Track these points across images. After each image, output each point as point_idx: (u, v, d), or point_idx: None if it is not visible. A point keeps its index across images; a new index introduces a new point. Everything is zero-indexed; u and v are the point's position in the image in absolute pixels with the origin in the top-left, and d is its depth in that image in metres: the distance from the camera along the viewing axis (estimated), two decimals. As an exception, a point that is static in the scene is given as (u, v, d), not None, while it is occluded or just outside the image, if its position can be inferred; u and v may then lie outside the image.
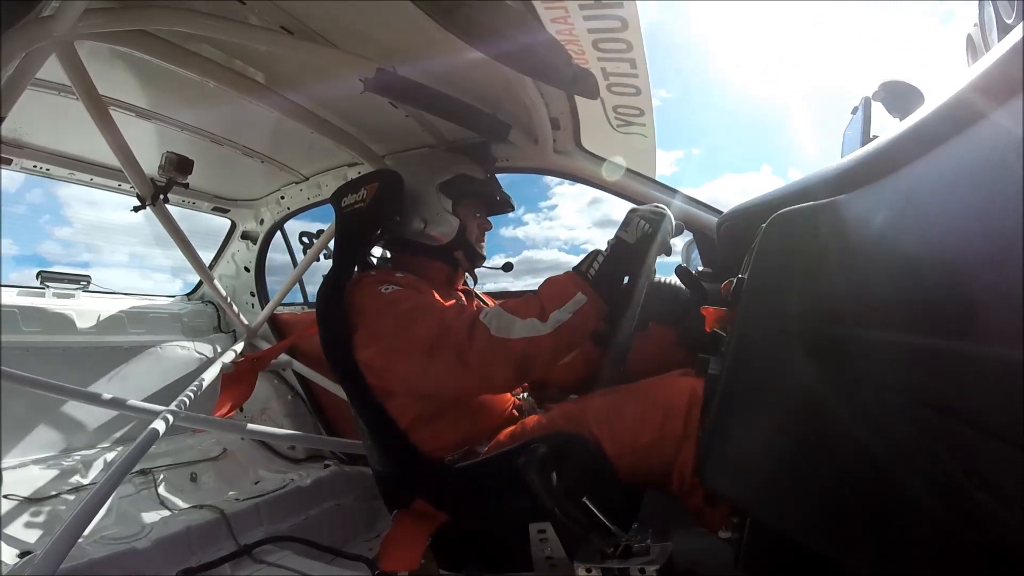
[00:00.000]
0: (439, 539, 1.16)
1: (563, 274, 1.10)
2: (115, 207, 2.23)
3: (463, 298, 1.37)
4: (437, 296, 1.20)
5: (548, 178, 1.54)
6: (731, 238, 1.08)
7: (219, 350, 2.34)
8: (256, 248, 2.34)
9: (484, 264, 1.43)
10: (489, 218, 1.44)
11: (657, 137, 1.39)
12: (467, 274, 1.44)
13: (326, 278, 1.28)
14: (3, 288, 1.86)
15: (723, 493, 0.74)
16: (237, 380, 1.92)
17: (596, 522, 0.91)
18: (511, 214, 1.50)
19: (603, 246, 1.12)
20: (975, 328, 0.31)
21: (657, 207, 1.13)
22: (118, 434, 1.97)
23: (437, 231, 1.32)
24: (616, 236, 1.11)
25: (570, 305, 1.04)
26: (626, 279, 1.11)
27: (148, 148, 1.58)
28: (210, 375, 1.93)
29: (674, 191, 1.55)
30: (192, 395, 1.81)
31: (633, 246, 1.08)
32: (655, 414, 1.05)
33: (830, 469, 0.52)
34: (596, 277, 1.07)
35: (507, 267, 1.48)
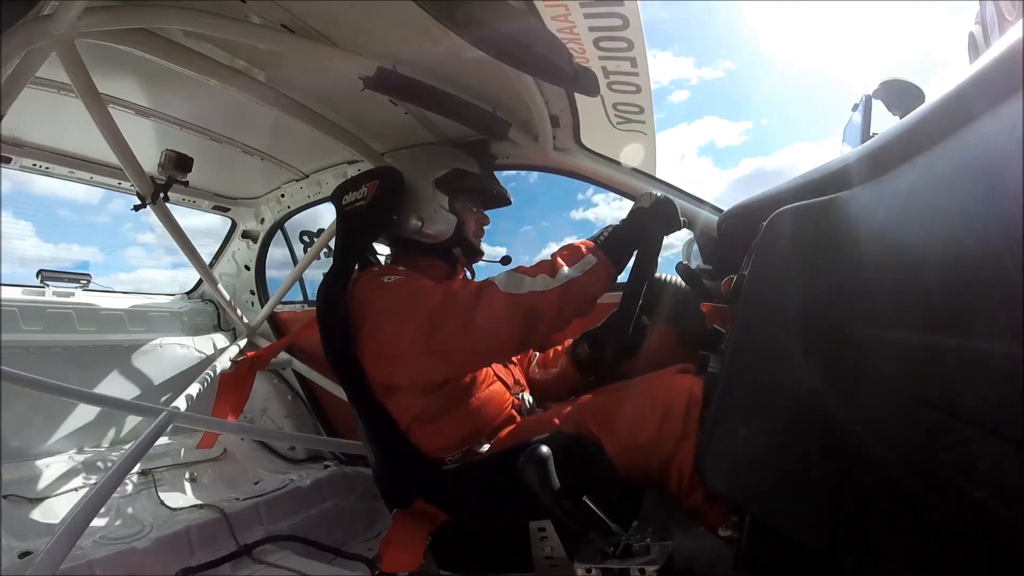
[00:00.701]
0: (439, 539, 1.15)
1: (577, 241, 1.13)
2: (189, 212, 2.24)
3: None
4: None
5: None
6: (732, 236, 1.09)
7: (219, 348, 2.34)
8: (256, 247, 2.34)
9: (482, 259, 1.42)
10: (488, 212, 1.43)
11: (722, 110, 1.45)
12: (465, 269, 1.43)
13: (327, 276, 1.28)
14: (3, 287, 1.86)
15: (722, 491, 0.74)
16: (235, 384, 1.92)
17: (596, 521, 0.91)
18: (579, 196, 1.52)
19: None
20: (975, 325, 0.31)
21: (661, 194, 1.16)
22: (118, 434, 1.97)
23: (434, 229, 1.31)
24: (631, 209, 1.14)
25: (580, 264, 1.06)
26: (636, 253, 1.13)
27: (148, 146, 1.58)
28: (210, 374, 1.93)
29: (674, 188, 1.55)
30: (192, 394, 1.81)
31: (647, 211, 1.12)
32: (654, 413, 1.05)
33: (829, 467, 0.52)
34: (607, 239, 1.10)
35: (505, 260, 1.48)
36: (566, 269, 1.05)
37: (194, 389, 1.82)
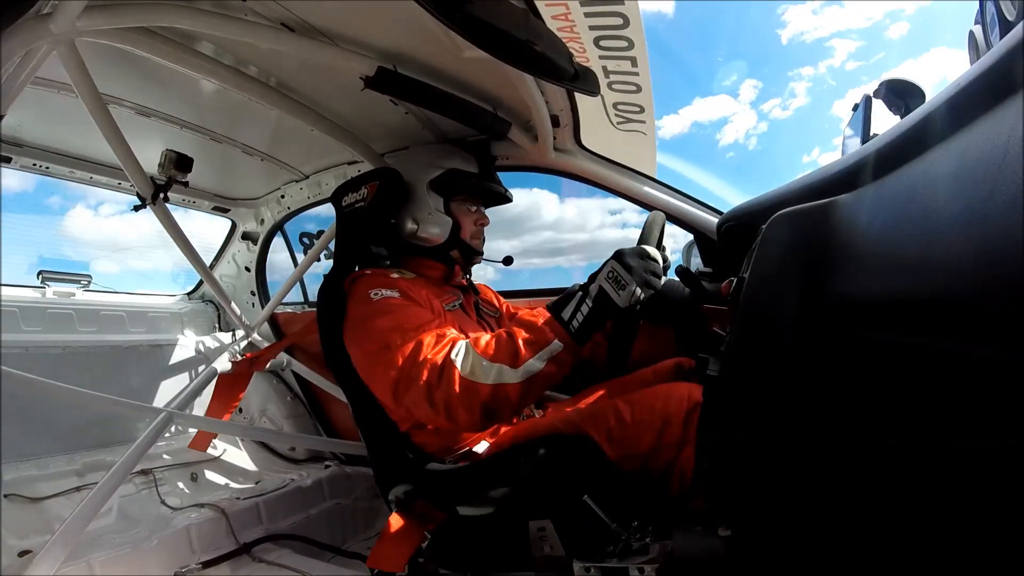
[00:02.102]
0: (439, 539, 1.15)
1: (544, 319, 1.01)
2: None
3: (459, 297, 1.35)
4: (425, 304, 1.17)
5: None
6: (731, 238, 1.08)
7: (219, 349, 2.34)
8: (257, 248, 2.34)
9: (483, 259, 1.40)
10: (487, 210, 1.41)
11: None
12: (463, 271, 1.43)
13: (327, 277, 1.28)
14: (3, 287, 1.86)
15: (722, 493, 0.74)
16: (231, 385, 1.93)
17: (596, 520, 0.91)
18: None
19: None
20: (975, 327, 0.31)
21: (647, 252, 1.01)
22: (119, 434, 1.97)
23: (429, 232, 1.30)
24: (602, 289, 0.99)
25: (544, 353, 0.97)
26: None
27: (148, 146, 1.58)
28: (210, 374, 1.93)
29: (673, 190, 1.55)
30: (192, 395, 1.81)
31: (623, 310, 0.99)
32: (654, 422, 1.05)
33: (829, 469, 0.52)
34: (578, 331, 0.99)
35: (507, 261, 1.47)
36: (530, 361, 0.97)
37: (194, 389, 1.83)
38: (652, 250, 1.02)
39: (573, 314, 0.99)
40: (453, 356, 0.99)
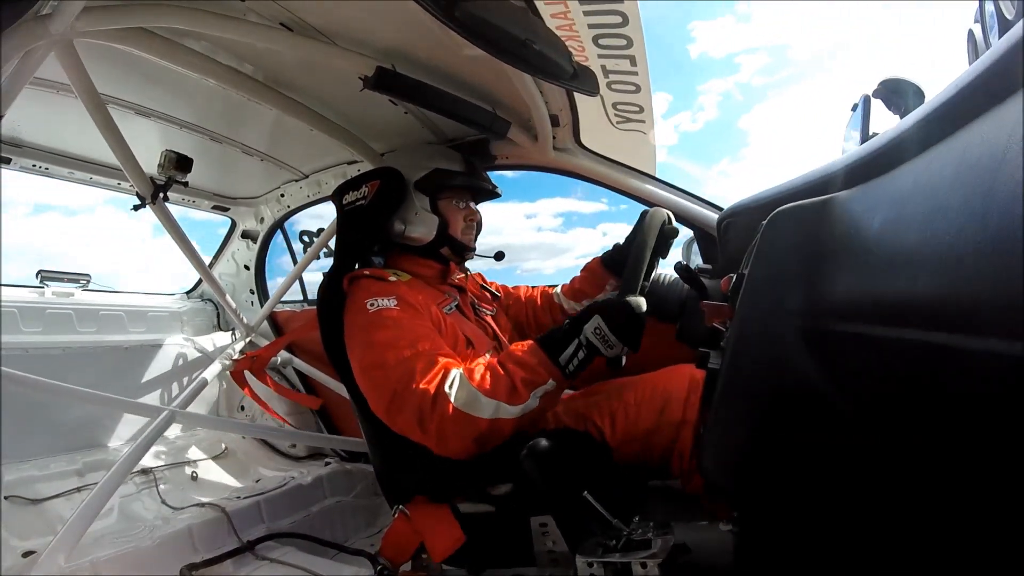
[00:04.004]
0: (440, 534, 1.16)
1: (537, 358, 1.03)
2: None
3: (456, 298, 1.34)
4: (423, 310, 1.16)
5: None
6: (731, 235, 1.08)
7: (219, 348, 2.34)
8: (256, 247, 2.34)
9: (476, 254, 1.40)
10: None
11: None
12: (458, 268, 1.43)
13: (327, 276, 1.28)
14: (3, 287, 1.86)
15: (723, 487, 0.75)
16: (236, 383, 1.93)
17: (597, 515, 0.92)
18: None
19: None
20: (974, 324, 0.31)
21: (631, 309, 1.02)
22: (119, 433, 1.98)
23: (416, 232, 1.30)
24: (592, 343, 1.02)
25: (539, 391, 1.01)
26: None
27: (147, 146, 1.58)
28: (210, 373, 1.93)
29: (673, 187, 1.55)
30: (192, 394, 1.81)
31: (611, 359, 1.03)
32: (654, 402, 1.07)
33: (828, 463, 0.53)
34: (572, 373, 1.02)
35: (499, 256, 1.48)
36: (527, 401, 1.00)
37: (194, 389, 1.83)
38: (638, 303, 1.03)
39: (570, 359, 1.02)
40: (447, 388, 1.00)
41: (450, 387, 1.00)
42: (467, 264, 1.44)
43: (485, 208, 1.47)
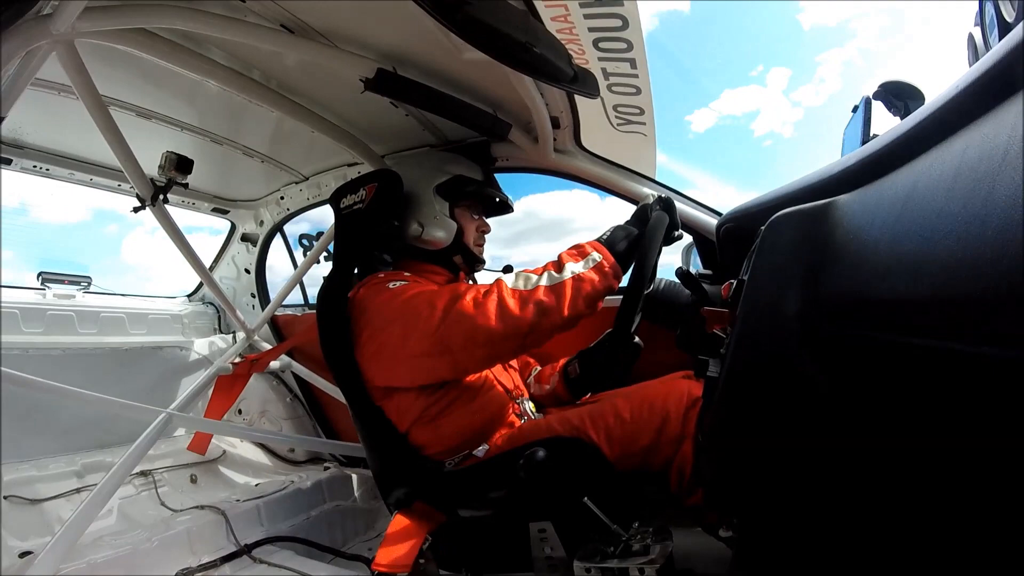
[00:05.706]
0: (439, 539, 1.15)
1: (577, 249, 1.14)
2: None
3: None
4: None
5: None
6: (731, 240, 1.08)
7: (219, 351, 2.34)
8: (256, 250, 2.34)
9: (484, 267, 1.41)
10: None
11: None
12: (467, 277, 1.43)
13: (326, 280, 1.28)
14: (3, 288, 1.86)
15: (722, 494, 0.74)
16: (230, 385, 1.92)
17: (596, 522, 0.91)
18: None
19: None
20: (975, 328, 0.31)
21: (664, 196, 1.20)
22: (119, 435, 1.97)
23: (433, 235, 1.30)
24: (636, 210, 1.20)
25: (585, 261, 1.09)
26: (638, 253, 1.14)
27: (148, 148, 1.58)
28: (210, 376, 1.93)
29: (672, 191, 1.55)
30: (193, 396, 1.81)
31: (651, 208, 1.17)
32: (652, 419, 1.06)
33: (829, 471, 0.52)
34: (611, 236, 1.14)
35: (507, 270, 1.47)
36: (572, 264, 1.08)
37: (194, 391, 1.82)
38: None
39: (607, 232, 1.17)
40: (499, 278, 1.10)
41: (502, 278, 1.11)
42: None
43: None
